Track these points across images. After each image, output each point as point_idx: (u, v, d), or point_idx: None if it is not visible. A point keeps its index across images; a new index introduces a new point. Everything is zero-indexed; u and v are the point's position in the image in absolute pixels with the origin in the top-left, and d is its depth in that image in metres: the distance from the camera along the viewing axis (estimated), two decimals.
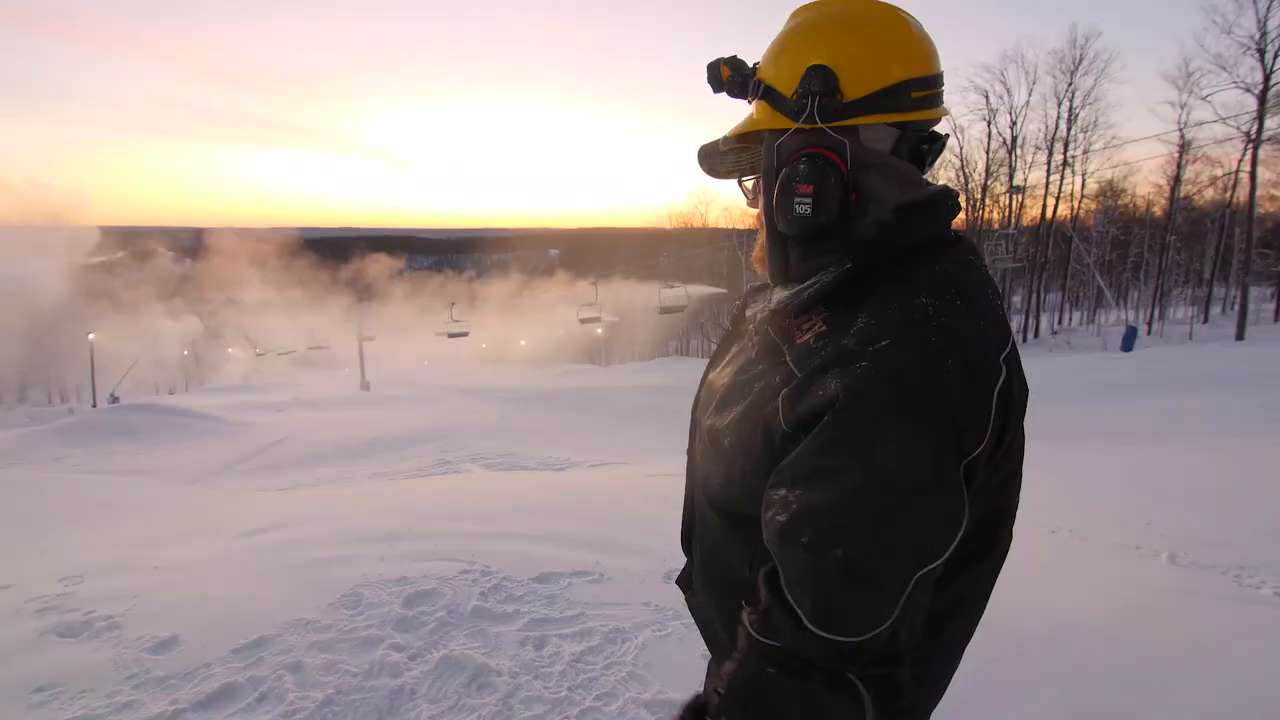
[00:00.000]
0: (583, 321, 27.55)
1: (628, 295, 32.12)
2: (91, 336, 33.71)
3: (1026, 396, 0.77)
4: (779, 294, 0.84)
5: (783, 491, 0.72)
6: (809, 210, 0.77)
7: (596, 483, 5.45)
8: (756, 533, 0.77)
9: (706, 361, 1.02)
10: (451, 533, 3.51)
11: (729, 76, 0.84)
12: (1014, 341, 0.77)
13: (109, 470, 10.24)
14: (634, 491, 4.82)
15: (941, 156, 0.84)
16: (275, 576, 2.99)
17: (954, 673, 0.89)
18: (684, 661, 2.35)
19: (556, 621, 2.63)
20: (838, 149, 0.77)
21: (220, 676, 2.21)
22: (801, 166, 0.77)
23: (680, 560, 1.04)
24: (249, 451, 11.78)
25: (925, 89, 0.78)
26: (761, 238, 0.89)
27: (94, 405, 27.78)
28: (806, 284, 0.80)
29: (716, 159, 0.93)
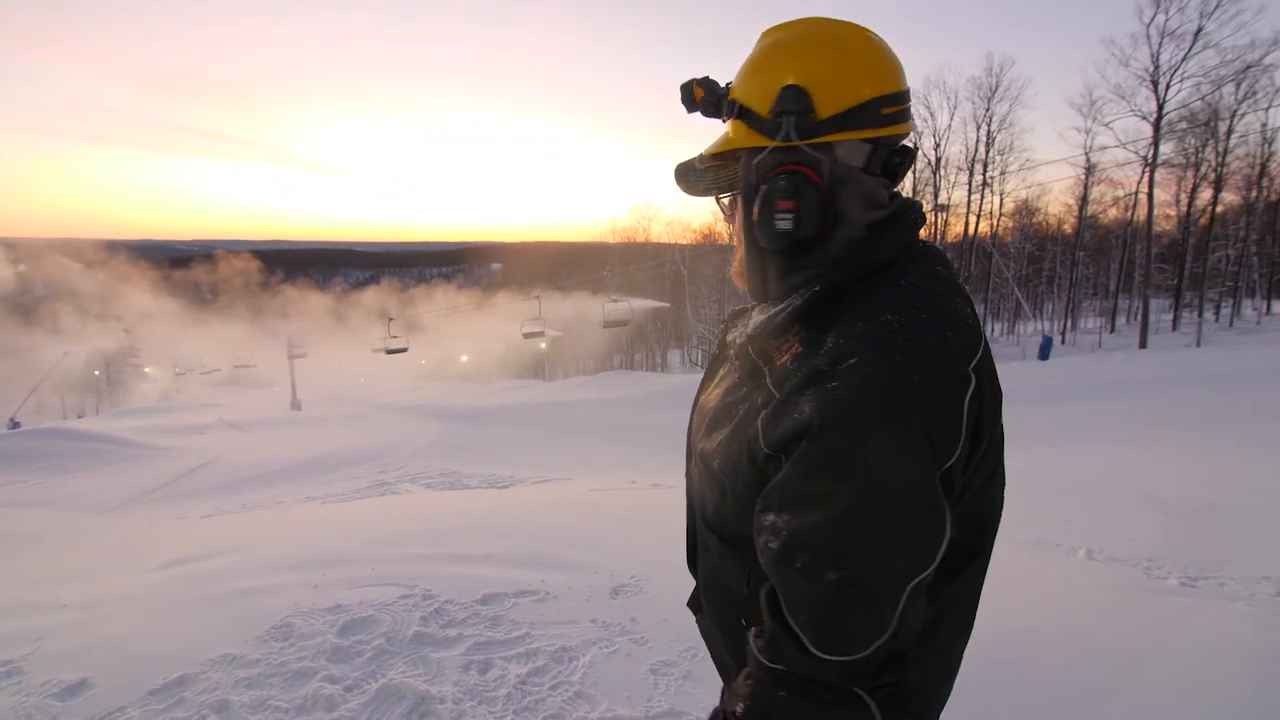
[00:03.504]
0: (526, 336, 27.25)
1: (571, 309, 31.96)
2: None
3: (1000, 398, 0.79)
4: (756, 317, 0.87)
5: (771, 517, 0.73)
6: (790, 226, 0.78)
7: (541, 499, 5.37)
8: (752, 552, 0.79)
9: (650, 375, 1.03)
10: (390, 556, 3.39)
11: (703, 97, 0.85)
12: (985, 345, 0.78)
13: (9, 502, 9.44)
14: (580, 507, 4.77)
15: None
16: (197, 610, 2.82)
17: (957, 671, 0.90)
18: (632, 678, 2.33)
19: (501, 644, 2.57)
20: (814, 165, 0.78)
21: None
22: (781, 183, 0.78)
23: (629, 573, 1.05)
24: (168, 477, 11.08)
25: (895, 105, 0.80)
26: (740, 254, 0.90)
27: None
28: (782, 306, 0.82)
29: (694, 177, 0.92)
